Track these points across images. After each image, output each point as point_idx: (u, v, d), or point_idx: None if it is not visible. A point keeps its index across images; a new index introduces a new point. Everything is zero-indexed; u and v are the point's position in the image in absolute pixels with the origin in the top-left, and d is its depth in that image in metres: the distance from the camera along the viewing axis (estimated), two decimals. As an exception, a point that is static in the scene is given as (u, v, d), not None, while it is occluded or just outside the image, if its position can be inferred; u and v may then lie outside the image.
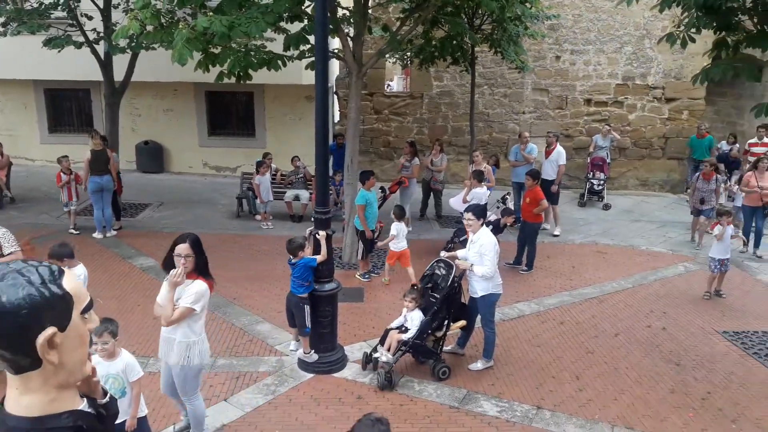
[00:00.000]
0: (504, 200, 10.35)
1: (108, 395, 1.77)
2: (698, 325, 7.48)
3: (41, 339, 1.42)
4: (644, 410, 5.56)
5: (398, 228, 8.40)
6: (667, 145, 14.75)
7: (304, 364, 6.08)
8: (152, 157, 14.58)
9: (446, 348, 6.54)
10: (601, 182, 13.23)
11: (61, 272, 1.51)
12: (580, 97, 14.62)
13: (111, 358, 4.03)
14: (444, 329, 6.14)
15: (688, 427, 5.32)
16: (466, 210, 6.20)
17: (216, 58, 8.13)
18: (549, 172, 11.13)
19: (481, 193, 9.14)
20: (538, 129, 14.37)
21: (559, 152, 11.19)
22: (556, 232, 11.00)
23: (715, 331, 7.30)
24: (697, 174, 10.95)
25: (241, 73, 8.36)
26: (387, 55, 11.85)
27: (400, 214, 8.63)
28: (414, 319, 6.00)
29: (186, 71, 8.50)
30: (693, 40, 6.38)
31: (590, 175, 13.20)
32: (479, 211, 6.20)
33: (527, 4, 10.32)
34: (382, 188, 11.22)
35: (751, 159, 11.48)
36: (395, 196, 11.28)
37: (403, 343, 5.90)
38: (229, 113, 15.00)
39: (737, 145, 13.46)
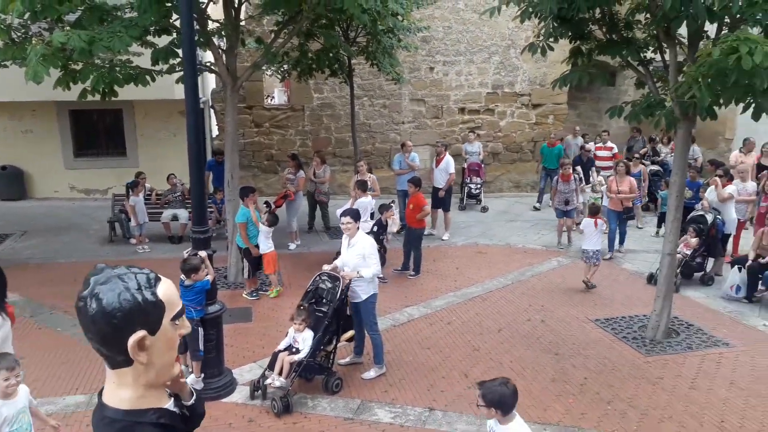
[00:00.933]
0: (389, 207, 10.49)
1: (194, 396, 1.88)
2: (573, 315, 7.97)
3: (131, 341, 1.56)
4: (528, 401, 5.81)
5: (265, 230, 8.34)
6: (536, 149, 15.69)
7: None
8: (11, 182, 13.40)
9: (343, 360, 6.52)
10: (478, 186, 13.86)
11: (158, 279, 1.63)
12: (454, 106, 15.23)
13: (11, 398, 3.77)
14: (334, 342, 6.07)
15: (569, 413, 5.62)
16: (343, 214, 6.20)
17: (77, 75, 7.62)
18: (439, 181, 11.50)
19: (366, 203, 9.22)
20: (417, 138, 14.79)
21: (448, 161, 11.58)
22: (444, 237, 11.34)
23: (589, 319, 7.81)
24: (556, 177, 11.14)
25: (106, 90, 7.89)
26: (264, 68, 11.69)
27: (272, 222, 8.51)
28: (306, 339, 5.84)
29: (45, 89, 7.88)
30: (551, 49, 6.84)
31: (468, 180, 13.78)
32: (356, 214, 6.23)
33: (399, 17, 10.60)
34: (267, 203, 11.00)
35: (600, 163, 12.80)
36: (282, 210, 11.11)
37: (297, 364, 5.72)
38: (97, 132, 14.12)
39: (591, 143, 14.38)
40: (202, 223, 5.91)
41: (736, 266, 8.60)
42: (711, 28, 6.22)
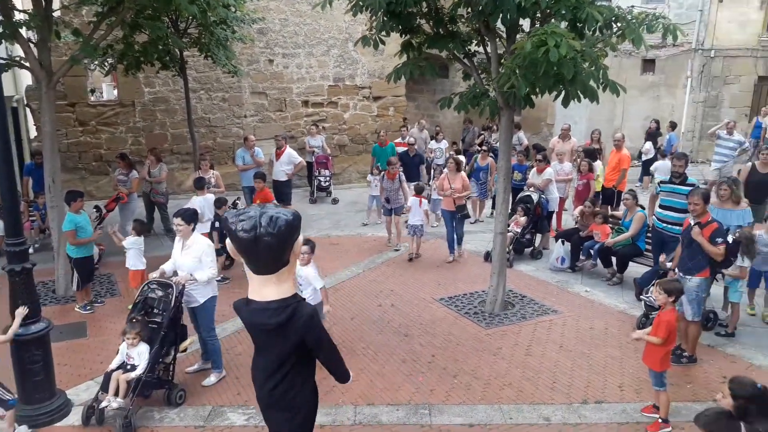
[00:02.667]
0: (235, 205, 10.19)
1: None
2: (420, 297, 8.31)
3: (299, 242, 3.14)
4: (382, 384, 5.98)
5: (133, 242, 7.70)
6: (377, 140, 16.12)
7: (20, 417, 5.20)
8: None
9: (191, 368, 6.24)
10: (327, 178, 13.96)
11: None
12: (297, 99, 15.14)
13: None
14: (173, 353, 5.74)
15: (419, 390, 5.86)
16: (175, 215, 5.89)
17: None
18: (281, 174, 11.36)
19: (199, 201, 8.91)
20: (261, 132, 14.52)
21: (290, 154, 11.49)
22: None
23: (434, 299, 8.20)
24: (381, 174, 10.93)
25: None
26: (86, 62, 10.76)
27: (141, 229, 7.90)
28: (142, 353, 5.44)
29: None
30: (383, 43, 7.01)
31: (317, 173, 13.81)
32: (189, 215, 5.88)
33: (231, 9, 10.26)
34: (96, 207, 10.18)
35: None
36: (115, 214, 10.34)
37: (135, 381, 5.30)
38: None
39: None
40: (17, 234, 5.29)
41: (560, 240, 9.51)
42: (527, 22, 6.76)
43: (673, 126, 14.81)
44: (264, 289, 3.14)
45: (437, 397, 5.72)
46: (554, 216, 10.82)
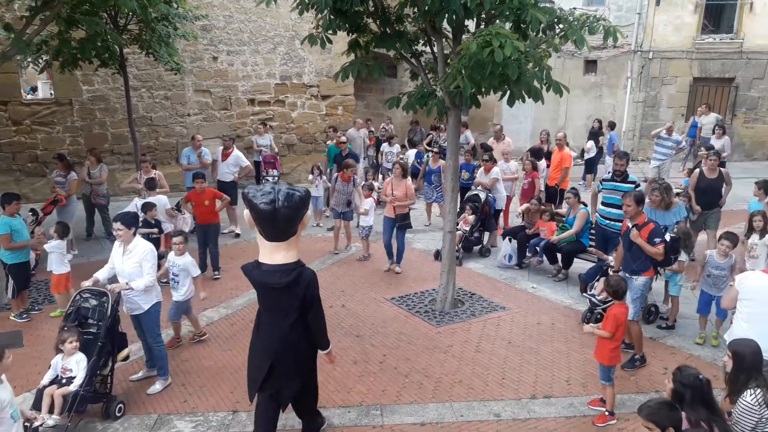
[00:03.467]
0: (178, 206, 9.91)
1: None
2: (371, 296, 8.29)
3: (308, 214, 4.06)
4: (333, 386, 5.92)
5: (55, 245, 7.37)
6: (328, 139, 16.02)
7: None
8: None
9: (135, 376, 6.04)
10: (276, 178, 13.73)
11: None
12: (243, 97, 14.88)
13: None
14: (110, 365, 5.49)
15: (371, 391, 5.84)
16: (115, 219, 5.67)
17: None
18: (227, 175, 11.14)
19: (157, 201, 8.68)
20: (206, 131, 14.20)
21: (237, 155, 11.30)
22: (237, 231, 11.07)
23: (385, 299, 8.19)
24: (335, 176, 10.46)
25: None
26: (19, 58, 10.28)
27: (62, 232, 7.57)
28: (80, 361, 5.17)
29: None
30: (330, 41, 6.94)
31: (264, 173, 13.58)
32: (129, 219, 5.66)
33: (173, 5, 9.98)
34: (33, 210, 9.72)
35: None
36: (52, 217, 9.90)
37: (74, 395, 5.02)
38: None
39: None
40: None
41: (507, 237, 9.66)
42: (472, 23, 6.82)
43: (612, 126, 15.28)
44: (275, 254, 4.05)
45: (389, 398, 5.72)
46: (501, 214, 10.99)
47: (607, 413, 5.27)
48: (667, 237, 6.46)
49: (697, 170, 9.36)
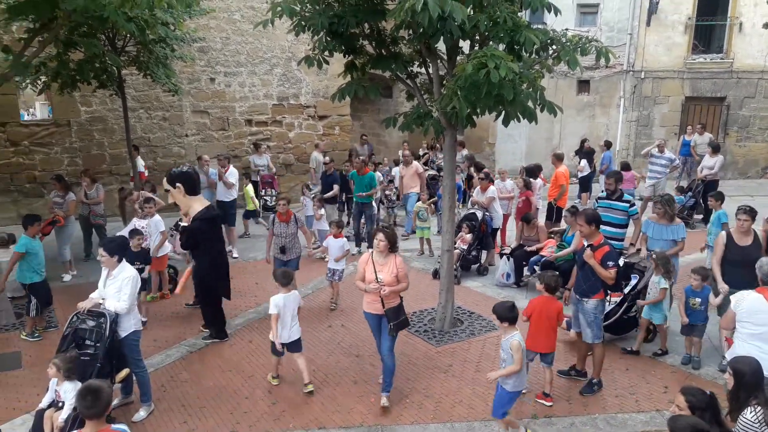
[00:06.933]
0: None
1: None
2: (369, 316, 8.26)
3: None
4: (333, 407, 5.90)
5: None
6: (324, 158, 16.10)
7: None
8: None
9: (113, 403, 5.96)
10: (273, 197, 13.77)
11: None
12: (240, 117, 14.97)
13: None
14: (110, 386, 5.48)
15: (371, 412, 5.81)
16: (99, 244, 5.68)
17: None
18: (225, 194, 11.21)
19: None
20: (204, 151, 14.18)
21: (232, 172, 11.38)
22: (235, 254, 11.05)
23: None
24: (272, 216, 8.47)
25: None
26: (18, 80, 10.34)
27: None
28: (67, 391, 5.03)
29: None
30: (327, 62, 7.04)
31: (263, 192, 13.64)
32: (113, 247, 5.55)
33: (171, 27, 10.09)
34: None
35: None
36: (51, 237, 9.89)
37: (73, 420, 4.89)
38: None
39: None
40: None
41: (504, 256, 9.68)
42: (466, 45, 6.93)
43: (608, 145, 15.42)
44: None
45: (389, 418, 5.70)
46: (498, 233, 11.03)
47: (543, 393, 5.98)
48: (621, 262, 6.30)
49: (723, 234, 6.80)
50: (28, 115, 18.64)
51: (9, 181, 12.86)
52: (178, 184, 7.09)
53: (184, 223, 7.51)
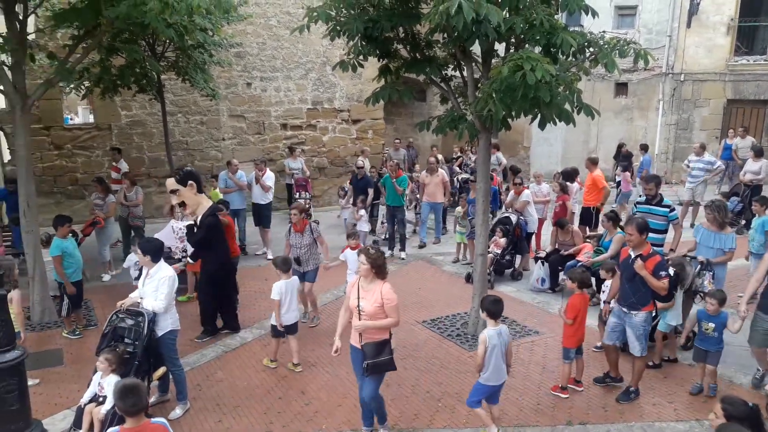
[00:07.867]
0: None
1: None
2: (403, 319, 8.07)
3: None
4: (365, 409, 5.91)
5: None
6: (359, 161, 16.18)
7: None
8: None
9: (150, 400, 6.09)
10: (308, 200, 13.90)
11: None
12: (276, 122, 15.16)
13: None
14: (146, 383, 5.53)
15: (403, 415, 5.81)
16: (138, 245, 5.83)
17: None
18: (261, 197, 11.38)
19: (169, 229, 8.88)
20: (240, 155, 14.49)
21: (269, 175, 11.56)
22: (269, 256, 11.17)
23: (417, 322, 8.16)
24: (289, 227, 8.07)
25: None
26: (62, 85, 10.68)
27: None
28: (111, 384, 5.14)
29: None
30: (361, 66, 7.08)
31: (297, 196, 13.77)
32: (150, 248, 5.66)
33: (209, 32, 10.29)
34: (73, 231, 9.98)
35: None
36: (91, 238, 10.18)
37: (111, 416, 5.00)
38: None
39: None
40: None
41: (540, 260, 9.57)
42: (501, 47, 6.88)
43: (645, 148, 15.08)
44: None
45: (422, 422, 5.68)
46: (533, 237, 10.90)
47: (560, 387, 6.13)
48: (671, 271, 6.09)
49: None
50: (71, 119, 19.21)
51: (53, 183, 13.27)
52: (190, 182, 7.27)
53: (189, 222, 7.74)
